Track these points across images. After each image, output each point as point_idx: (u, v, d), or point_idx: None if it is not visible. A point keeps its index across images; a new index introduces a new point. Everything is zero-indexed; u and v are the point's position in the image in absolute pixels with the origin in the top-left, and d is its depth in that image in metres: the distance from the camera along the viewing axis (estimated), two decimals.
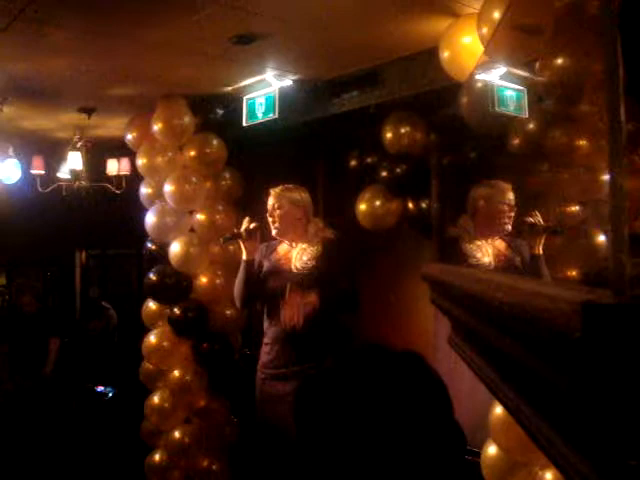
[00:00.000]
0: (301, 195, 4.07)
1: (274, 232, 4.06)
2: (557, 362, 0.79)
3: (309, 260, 3.98)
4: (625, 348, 0.66)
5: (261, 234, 4.15)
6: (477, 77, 3.75)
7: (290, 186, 4.09)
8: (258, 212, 4.30)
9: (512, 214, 3.68)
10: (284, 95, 4.72)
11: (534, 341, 0.86)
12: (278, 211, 4.01)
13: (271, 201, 4.04)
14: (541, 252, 3.54)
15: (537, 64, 3.51)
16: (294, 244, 4.07)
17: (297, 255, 4.03)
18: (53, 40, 4.07)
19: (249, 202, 5.40)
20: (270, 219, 4.05)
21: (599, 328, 0.67)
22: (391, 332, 5.12)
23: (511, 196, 3.68)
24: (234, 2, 3.51)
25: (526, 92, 3.79)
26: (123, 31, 3.94)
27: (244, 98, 4.91)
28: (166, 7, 3.62)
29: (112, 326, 6.76)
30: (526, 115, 3.77)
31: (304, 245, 4.03)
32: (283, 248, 4.10)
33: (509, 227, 3.69)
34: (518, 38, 3.26)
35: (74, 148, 5.92)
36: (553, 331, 0.72)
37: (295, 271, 3.98)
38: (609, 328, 0.67)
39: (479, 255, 3.70)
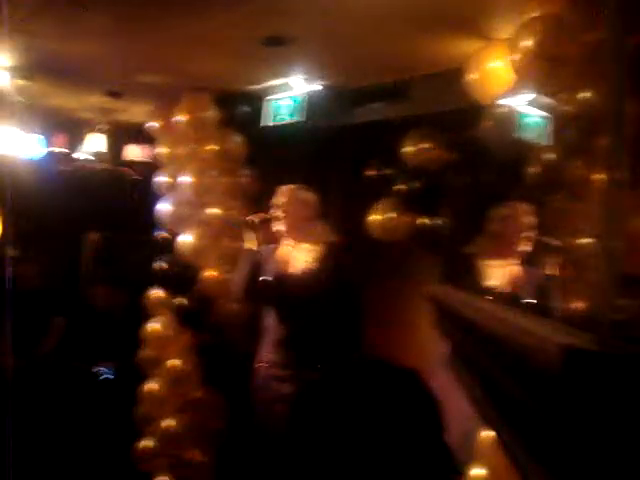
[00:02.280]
0: (310, 196, 4.11)
1: (280, 228, 4.07)
2: (539, 395, 0.82)
3: (310, 262, 4.00)
4: (599, 390, 0.69)
5: (270, 230, 4.17)
6: (502, 102, 3.77)
7: (300, 186, 4.12)
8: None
9: (531, 235, 3.70)
10: (309, 99, 4.75)
11: (521, 373, 0.89)
12: (286, 208, 4.02)
13: (280, 198, 4.05)
14: (556, 273, 3.60)
15: (562, 95, 3.53)
16: (296, 244, 4.07)
17: (298, 257, 4.04)
18: (85, 22, 4.11)
19: (265, 200, 5.43)
20: (277, 215, 4.04)
21: (577, 371, 0.70)
22: (395, 344, 5.13)
23: (531, 218, 3.71)
24: (268, 4, 3.55)
25: (551, 120, 3.81)
26: (156, 19, 3.97)
27: (270, 99, 4.95)
28: (199, 1, 3.66)
29: (121, 308, 6.79)
30: (548, 143, 3.79)
31: (306, 246, 4.04)
32: (283, 251, 4.10)
33: (529, 248, 3.72)
34: (546, 67, 3.29)
35: (97, 130, 5.96)
36: (538, 367, 0.75)
37: (295, 273, 3.99)
38: (586, 372, 0.70)
39: (492, 277, 3.72)
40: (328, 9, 3.57)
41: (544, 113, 3.86)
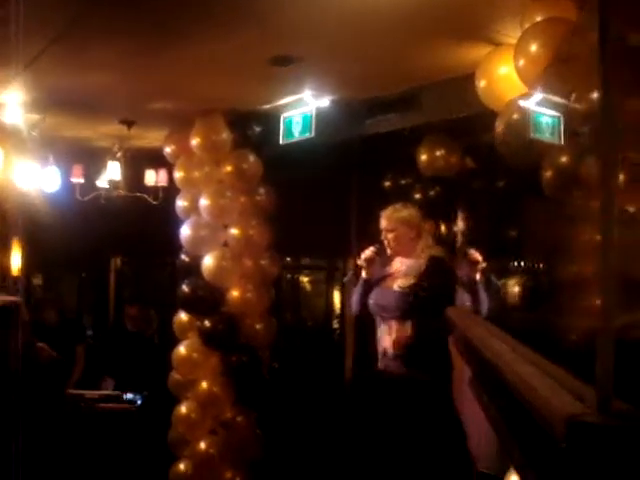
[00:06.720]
0: (410, 213, 4.13)
1: (389, 252, 4.12)
2: (544, 456, 0.81)
3: (411, 278, 4.02)
4: (604, 463, 0.68)
5: (380, 252, 4.18)
6: (514, 105, 3.73)
7: (398, 206, 4.15)
8: (292, 227, 4.29)
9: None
10: (320, 114, 4.74)
11: (528, 427, 0.88)
12: (391, 233, 4.07)
13: (383, 224, 4.11)
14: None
15: (573, 95, 3.48)
16: (404, 261, 4.11)
17: (403, 272, 4.08)
18: (95, 57, 4.17)
19: (283, 218, 5.44)
20: (385, 241, 4.11)
21: (581, 444, 0.69)
22: None
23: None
24: (271, 25, 3.56)
25: (562, 119, 3.75)
26: (164, 50, 4.04)
27: (281, 116, 4.93)
28: (206, 28, 3.70)
29: (153, 328, 6.85)
30: (561, 143, 3.74)
31: (410, 262, 4.07)
32: (396, 263, 4.15)
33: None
34: (556, 68, 3.26)
35: (113, 158, 6.01)
36: (543, 433, 0.74)
37: (397, 289, 4.03)
38: (590, 444, 0.69)
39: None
40: (332, 26, 3.58)
41: (556, 112, 3.81)
